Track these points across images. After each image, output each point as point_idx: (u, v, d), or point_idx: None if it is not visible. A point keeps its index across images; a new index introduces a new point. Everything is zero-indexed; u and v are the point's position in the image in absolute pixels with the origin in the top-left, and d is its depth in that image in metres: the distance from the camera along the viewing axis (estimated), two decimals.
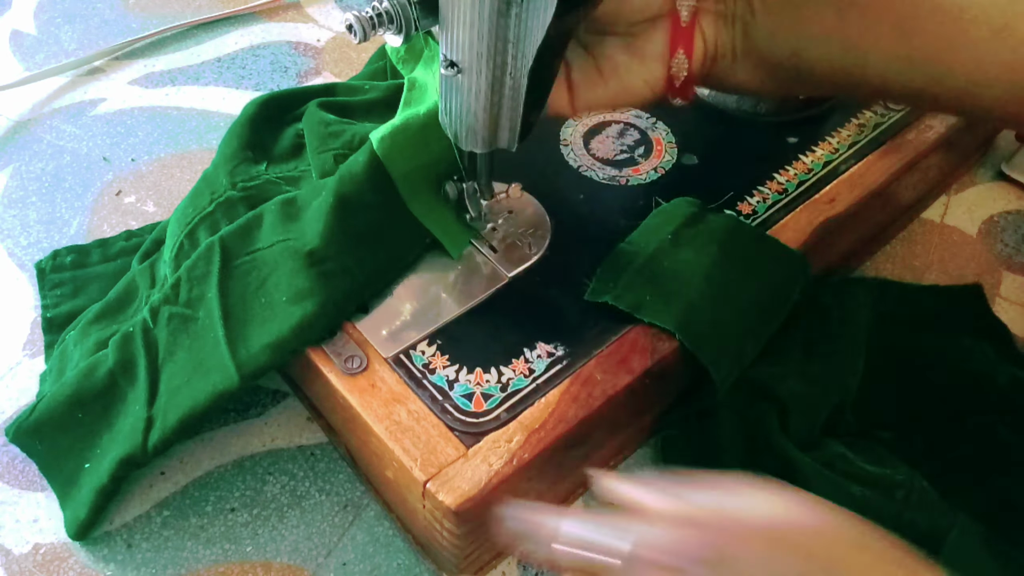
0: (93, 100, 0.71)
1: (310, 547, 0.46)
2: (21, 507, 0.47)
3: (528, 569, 0.46)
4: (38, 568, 0.45)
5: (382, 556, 0.46)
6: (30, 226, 0.61)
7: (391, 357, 0.43)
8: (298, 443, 0.50)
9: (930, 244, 0.63)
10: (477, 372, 0.42)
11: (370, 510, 0.48)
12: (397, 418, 0.40)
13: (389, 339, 0.43)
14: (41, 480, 0.48)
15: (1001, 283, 0.61)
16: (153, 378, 0.45)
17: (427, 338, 0.44)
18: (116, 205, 0.63)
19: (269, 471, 0.49)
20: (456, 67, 0.39)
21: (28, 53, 0.75)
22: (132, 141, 0.68)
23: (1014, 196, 0.67)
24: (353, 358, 0.42)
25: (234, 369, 0.43)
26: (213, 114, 0.70)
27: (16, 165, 0.66)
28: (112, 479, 0.43)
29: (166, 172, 0.66)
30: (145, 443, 0.43)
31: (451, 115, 0.42)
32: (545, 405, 0.41)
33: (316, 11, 0.81)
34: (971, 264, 0.62)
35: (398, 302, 0.45)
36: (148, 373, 0.45)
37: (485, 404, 0.41)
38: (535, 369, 0.43)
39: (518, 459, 0.39)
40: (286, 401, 0.52)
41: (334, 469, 0.49)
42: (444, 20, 0.38)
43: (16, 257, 0.59)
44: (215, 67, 0.75)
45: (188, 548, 0.46)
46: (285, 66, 0.75)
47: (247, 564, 0.45)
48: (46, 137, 0.68)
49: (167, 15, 0.80)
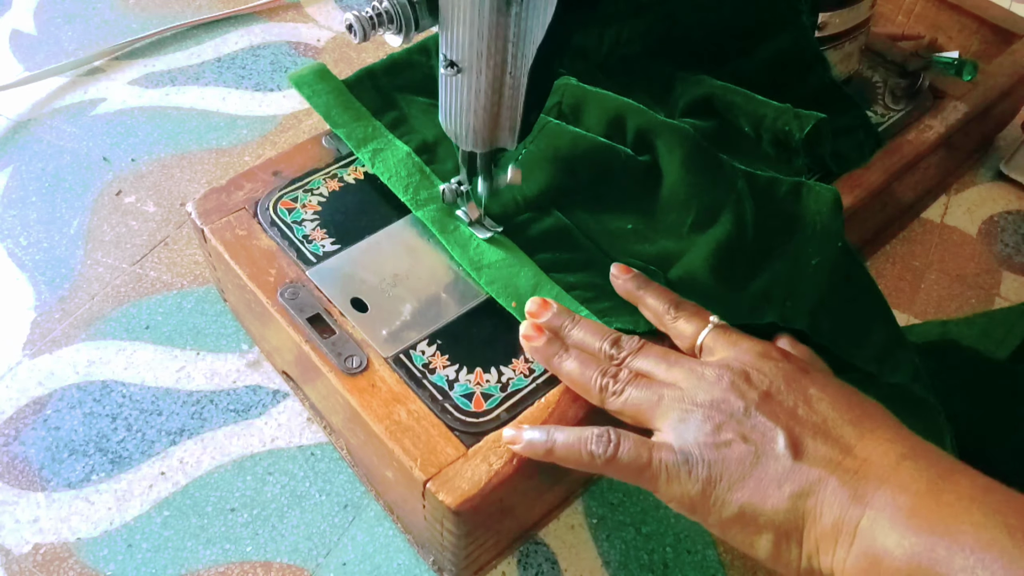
0: (93, 100, 0.71)
1: (310, 547, 0.46)
2: (21, 507, 0.47)
3: (528, 569, 0.46)
4: (38, 568, 0.45)
5: (382, 556, 0.46)
6: (30, 226, 0.61)
7: (391, 357, 0.43)
8: (298, 443, 0.50)
9: (930, 244, 0.63)
10: (477, 372, 0.42)
11: (370, 510, 0.48)
12: (397, 418, 0.40)
13: (389, 339, 0.43)
14: (41, 480, 0.48)
15: (1001, 283, 0.61)
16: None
17: (427, 338, 0.44)
18: (116, 205, 0.63)
19: (269, 471, 0.49)
20: (456, 67, 0.39)
21: (28, 53, 0.75)
22: (132, 141, 0.68)
23: (1014, 196, 0.67)
24: (353, 358, 0.42)
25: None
26: (213, 114, 0.70)
27: (16, 165, 0.66)
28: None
29: (166, 172, 0.66)
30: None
31: (451, 115, 0.42)
32: (545, 405, 0.41)
33: (316, 11, 0.81)
34: (971, 264, 0.62)
35: (398, 302, 0.45)
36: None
37: (485, 404, 0.41)
38: (535, 369, 0.43)
39: (518, 459, 0.39)
40: (286, 401, 0.52)
41: (334, 469, 0.49)
42: (444, 19, 0.38)
43: (16, 257, 0.59)
44: (215, 67, 0.75)
45: (188, 548, 0.46)
46: (285, 66, 0.75)
47: (247, 564, 0.45)
48: (46, 137, 0.68)
49: (167, 15, 0.80)
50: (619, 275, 0.43)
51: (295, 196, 0.50)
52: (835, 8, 0.54)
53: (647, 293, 0.42)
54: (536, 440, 0.37)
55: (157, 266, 0.59)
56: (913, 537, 0.29)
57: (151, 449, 0.50)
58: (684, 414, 0.35)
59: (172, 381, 0.53)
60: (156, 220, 0.62)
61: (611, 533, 0.47)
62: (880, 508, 0.30)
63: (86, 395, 0.52)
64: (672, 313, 0.41)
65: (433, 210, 0.48)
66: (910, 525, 0.29)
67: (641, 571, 0.46)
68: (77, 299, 0.57)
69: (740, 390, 0.35)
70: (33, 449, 0.49)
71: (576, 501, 0.48)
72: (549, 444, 0.37)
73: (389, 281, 0.46)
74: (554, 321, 0.42)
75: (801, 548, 0.32)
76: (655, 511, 0.48)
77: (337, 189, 0.50)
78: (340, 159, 0.52)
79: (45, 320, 0.56)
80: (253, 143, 0.68)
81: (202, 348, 0.54)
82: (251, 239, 0.47)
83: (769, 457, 0.33)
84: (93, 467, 0.49)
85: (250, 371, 0.53)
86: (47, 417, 0.51)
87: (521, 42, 0.37)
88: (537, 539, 0.47)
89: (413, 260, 0.47)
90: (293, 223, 0.48)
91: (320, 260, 0.47)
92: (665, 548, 0.47)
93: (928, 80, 0.59)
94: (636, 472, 0.35)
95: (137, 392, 0.52)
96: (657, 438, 0.36)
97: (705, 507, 0.34)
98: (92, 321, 0.56)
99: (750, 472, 0.33)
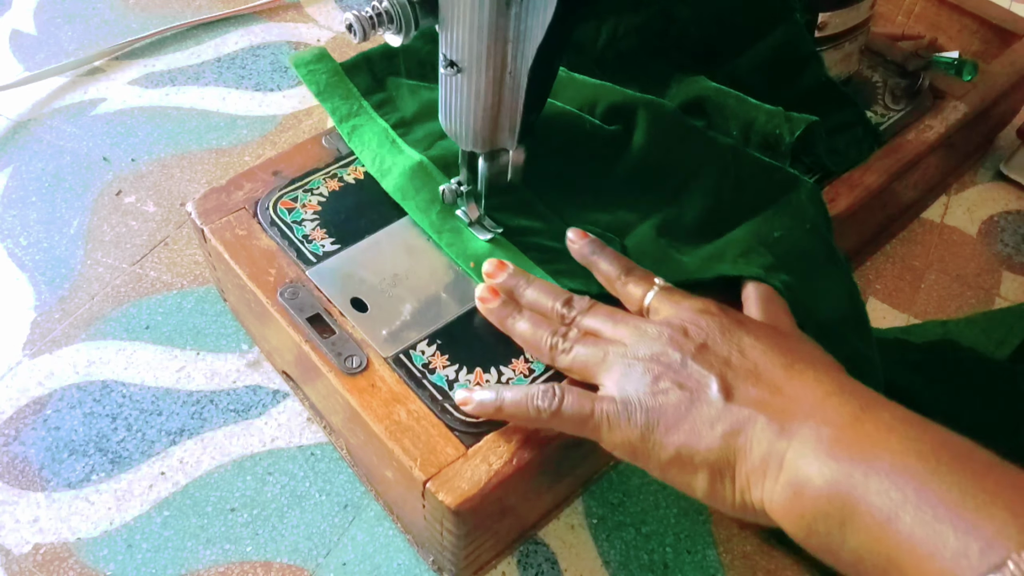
0: (93, 100, 0.71)
1: (310, 547, 0.46)
2: (21, 507, 0.47)
3: (528, 569, 0.46)
4: (38, 568, 0.45)
5: (382, 556, 0.46)
6: (30, 226, 0.61)
7: (391, 357, 0.43)
8: (298, 443, 0.50)
9: (930, 244, 0.63)
10: (477, 372, 0.42)
11: (370, 510, 0.48)
12: (397, 418, 0.40)
13: (389, 339, 0.43)
14: (41, 480, 0.48)
15: (1001, 283, 0.61)
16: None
17: (427, 338, 0.44)
18: (116, 205, 0.63)
19: (269, 471, 0.49)
20: (456, 67, 0.39)
21: (28, 53, 0.75)
22: (132, 141, 0.68)
23: (1014, 196, 0.67)
24: (353, 358, 0.42)
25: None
26: (213, 114, 0.70)
27: (16, 165, 0.66)
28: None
29: (166, 172, 0.66)
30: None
31: (451, 115, 0.42)
32: None
33: (316, 11, 0.81)
34: (971, 264, 0.62)
35: (398, 302, 0.45)
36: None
37: None
38: (535, 369, 0.43)
39: (518, 459, 0.39)
40: (286, 401, 0.52)
41: (334, 469, 0.49)
42: (444, 20, 0.38)
43: (16, 257, 0.59)
44: (215, 67, 0.75)
45: (188, 548, 0.46)
46: (285, 66, 0.75)
47: (247, 564, 0.45)
48: (46, 137, 0.68)
49: (167, 15, 0.80)
50: (575, 239, 0.45)
51: (295, 196, 0.50)
52: (835, 8, 0.54)
53: (601, 258, 0.44)
54: (486, 399, 0.39)
55: (157, 266, 0.59)
56: (833, 464, 0.30)
57: (151, 449, 0.50)
58: (627, 368, 0.37)
59: (172, 381, 0.53)
60: (156, 220, 0.62)
61: (611, 533, 0.47)
62: (804, 440, 0.32)
63: (86, 395, 0.52)
64: (623, 278, 0.43)
65: (396, 176, 0.49)
66: (831, 454, 0.31)
67: (641, 571, 0.46)
68: (77, 299, 0.57)
69: (678, 343, 0.37)
70: (33, 449, 0.49)
71: (576, 501, 0.48)
72: (498, 402, 0.39)
73: (389, 281, 0.46)
74: (509, 282, 0.44)
75: (734, 484, 0.34)
76: (655, 511, 0.48)
77: (337, 189, 0.50)
78: (340, 159, 0.52)
79: (45, 320, 0.56)
80: (253, 143, 0.68)
81: (202, 348, 0.54)
82: (251, 239, 0.47)
83: (703, 402, 0.35)
84: (93, 467, 0.49)
85: (250, 371, 0.53)
86: (47, 417, 0.51)
87: (521, 42, 0.37)
88: (537, 539, 0.47)
89: (413, 260, 0.47)
90: (293, 223, 0.48)
91: (320, 260, 0.47)
92: (665, 548, 0.47)
93: (928, 80, 0.59)
94: (580, 423, 0.37)
95: (137, 392, 0.52)
96: (601, 392, 0.38)
97: (645, 451, 0.36)
98: (92, 321, 0.56)
99: (685, 416, 0.35)
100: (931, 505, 0.28)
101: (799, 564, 0.46)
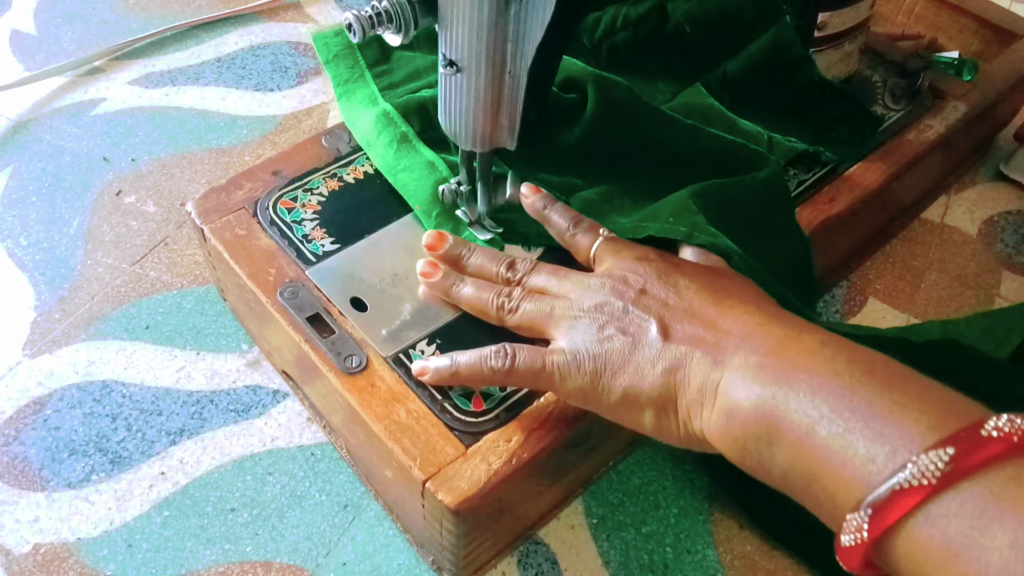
0: (93, 100, 0.71)
1: (310, 547, 0.46)
2: (21, 507, 0.47)
3: (528, 569, 0.46)
4: (38, 568, 0.45)
5: (382, 556, 0.46)
6: (30, 226, 0.61)
7: (391, 356, 0.43)
8: (298, 443, 0.50)
9: (930, 244, 0.63)
10: None
11: (370, 510, 0.48)
12: (396, 417, 0.40)
13: (389, 339, 0.43)
14: (41, 480, 0.48)
15: (1001, 283, 0.61)
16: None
17: (426, 338, 0.44)
18: (116, 205, 0.63)
19: (269, 471, 0.49)
20: (455, 66, 0.39)
21: (28, 53, 0.75)
22: (132, 141, 0.68)
23: (1014, 196, 0.67)
24: (352, 357, 0.42)
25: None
26: (213, 114, 0.70)
27: (16, 165, 0.66)
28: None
29: (166, 172, 0.66)
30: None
31: (450, 114, 0.42)
32: (544, 405, 0.41)
33: (316, 11, 0.81)
34: (971, 264, 0.62)
35: (398, 302, 0.45)
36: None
37: (484, 404, 0.41)
38: None
39: (517, 459, 0.39)
40: (286, 401, 0.52)
41: (334, 469, 0.49)
42: (444, 19, 0.38)
43: (16, 257, 0.59)
44: (215, 67, 0.75)
45: (188, 548, 0.46)
46: (285, 66, 0.75)
47: (247, 564, 0.45)
48: (46, 137, 0.68)
49: (167, 15, 0.80)
50: (528, 194, 0.47)
51: (295, 196, 0.50)
52: (835, 8, 0.54)
53: (552, 211, 0.46)
54: (442, 366, 0.41)
55: (157, 266, 0.59)
56: (758, 388, 0.33)
57: (151, 449, 0.50)
58: (573, 321, 0.39)
59: (172, 381, 0.53)
60: (156, 220, 0.62)
61: (611, 533, 0.47)
62: (734, 369, 0.34)
63: (86, 395, 0.52)
64: (571, 230, 0.45)
65: (363, 124, 0.52)
66: (757, 379, 0.33)
67: (641, 571, 0.46)
68: (77, 299, 0.57)
69: (619, 292, 0.39)
70: (33, 449, 0.49)
71: (576, 501, 0.48)
72: (454, 368, 0.40)
73: (389, 280, 0.46)
74: (452, 251, 0.45)
75: (677, 417, 0.36)
76: (655, 511, 0.48)
77: (337, 189, 0.50)
78: (340, 159, 0.52)
79: (45, 320, 0.56)
80: (253, 143, 0.68)
81: (202, 348, 0.54)
82: (251, 239, 0.47)
83: (644, 344, 0.37)
84: (93, 467, 0.49)
85: (250, 371, 0.53)
86: (47, 417, 0.51)
87: (520, 41, 0.37)
88: (537, 539, 0.47)
89: (413, 259, 0.47)
90: (293, 223, 0.48)
91: (320, 260, 0.47)
92: (665, 548, 0.47)
93: (928, 80, 0.59)
94: (533, 377, 0.39)
95: (137, 392, 0.52)
96: (552, 345, 0.40)
97: (596, 396, 0.38)
98: (92, 321, 0.56)
99: (629, 359, 0.37)
100: (843, 418, 0.30)
101: (799, 564, 0.46)
